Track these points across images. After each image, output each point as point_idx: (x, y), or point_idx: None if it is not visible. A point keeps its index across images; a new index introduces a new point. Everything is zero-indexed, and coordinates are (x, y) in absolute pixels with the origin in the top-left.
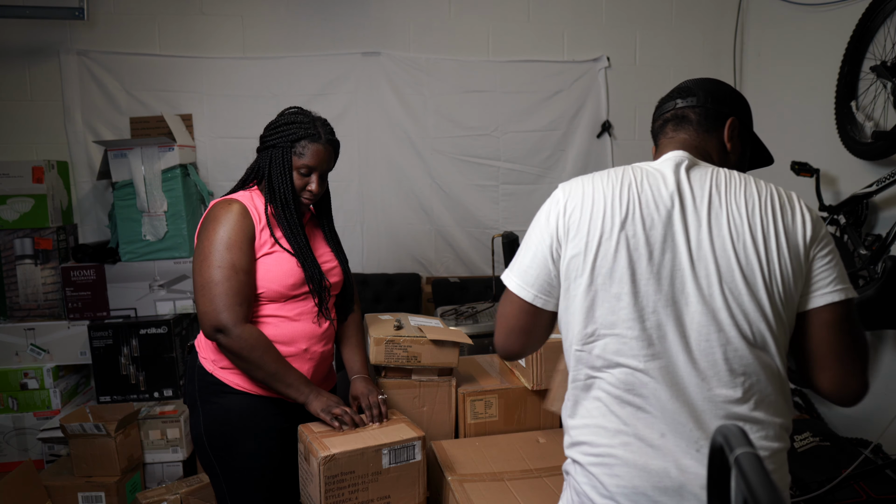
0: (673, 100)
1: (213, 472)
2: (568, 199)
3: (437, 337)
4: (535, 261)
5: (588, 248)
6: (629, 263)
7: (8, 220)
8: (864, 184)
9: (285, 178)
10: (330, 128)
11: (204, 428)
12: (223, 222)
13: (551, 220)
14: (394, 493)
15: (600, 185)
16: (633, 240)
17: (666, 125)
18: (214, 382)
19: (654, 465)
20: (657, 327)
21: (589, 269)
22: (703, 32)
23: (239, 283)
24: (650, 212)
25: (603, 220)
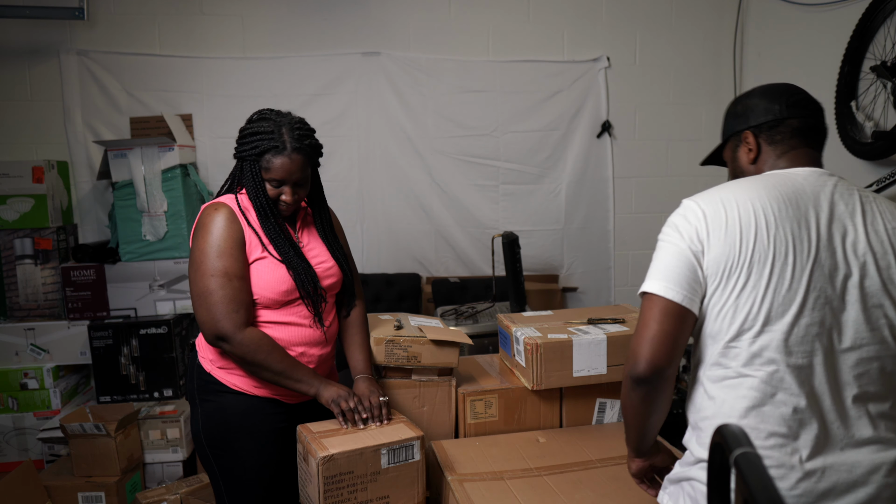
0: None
1: (212, 469)
2: (706, 208)
3: (437, 337)
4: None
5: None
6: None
7: (8, 220)
8: (864, 184)
9: (259, 191)
10: (300, 132)
11: (201, 426)
12: (211, 230)
13: (690, 227)
14: (393, 492)
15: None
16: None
17: (809, 133)
18: (212, 381)
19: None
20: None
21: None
22: (703, 32)
23: (234, 289)
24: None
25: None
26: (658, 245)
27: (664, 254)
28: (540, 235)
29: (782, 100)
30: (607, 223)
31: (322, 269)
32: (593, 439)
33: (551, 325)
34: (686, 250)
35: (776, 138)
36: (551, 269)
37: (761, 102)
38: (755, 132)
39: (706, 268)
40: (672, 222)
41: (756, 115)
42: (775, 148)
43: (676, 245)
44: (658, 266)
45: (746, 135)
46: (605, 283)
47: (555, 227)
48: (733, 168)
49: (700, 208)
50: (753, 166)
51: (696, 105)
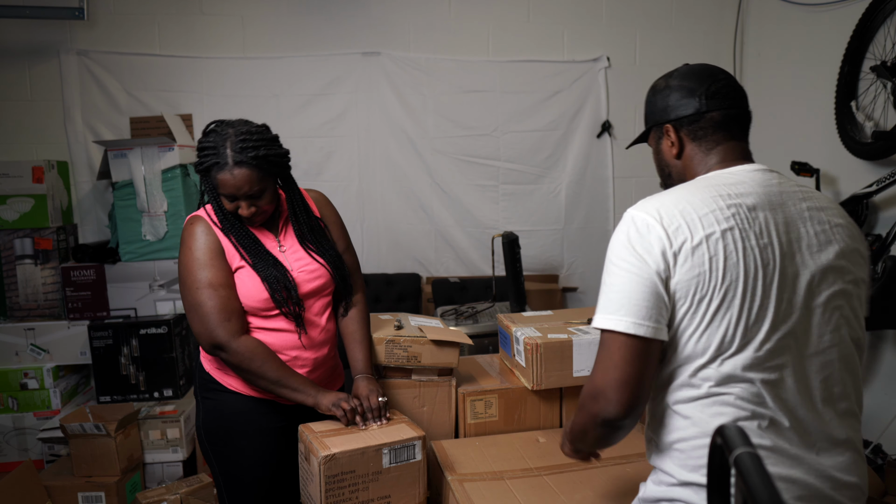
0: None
1: (212, 466)
2: (663, 219)
3: (437, 337)
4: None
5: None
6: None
7: (8, 220)
8: (864, 184)
9: (216, 205)
10: (244, 144)
11: (202, 423)
12: (189, 244)
13: (651, 246)
14: (394, 492)
15: (696, 200)
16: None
17: (732, 124)
18: (211, 380)
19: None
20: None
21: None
22: (703, 32)
23: (222, 298)
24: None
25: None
26: (611, 269)
27: (623, 281)
28: (540, 235)
29: (702, 90)
30: (607, 223)
31: (305, 272)
32: None
33: (551, 325)
34: (651, 274)
35: (699, 133)
36: (551, 269)
37: (681, 93)
38: (676, 126)
39: (674, 290)
40: (625, 241)
41: (676, 109)
42: (700, 144)
43: (637, 269)
44: (618, 297)
45: (668, 128)
46: None
47: (555, 227)
48: (658, 159)
49: (659, 223)
50: (679, 161)
51: None
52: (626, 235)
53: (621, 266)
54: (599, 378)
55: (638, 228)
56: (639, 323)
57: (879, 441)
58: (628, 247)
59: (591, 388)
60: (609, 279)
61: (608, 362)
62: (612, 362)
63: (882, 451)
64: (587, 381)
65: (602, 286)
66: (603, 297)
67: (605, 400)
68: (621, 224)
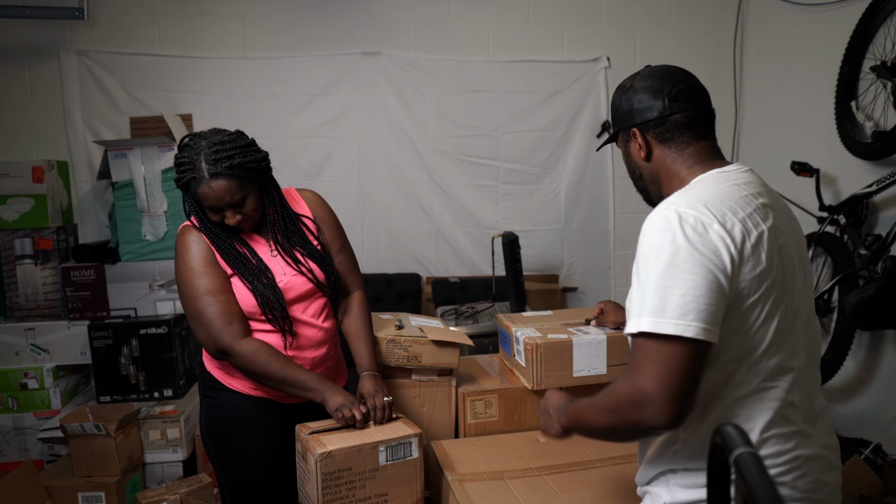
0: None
1: (214, 463)
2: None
3: (437, 337)
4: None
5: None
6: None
7: (8, 220)
8: (864, 184)
9: (200, 218)
10: (217, 155)
11: (204, 421)
12: (183, 254)
13: (714, 243)
14: (391, 490)
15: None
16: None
17: (696, 124)
18: (212, 379)
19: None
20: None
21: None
22: (703, 32)
23: (221, 304)
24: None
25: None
26: (672, 270)
27: (691, 283)
28: (540, 235)
29: (664, 92)
30: (607, 223)
31: (295, 276)
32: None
33: (551, 325)
34: (718, 274)
35: (666, 136)
36: (551, 269)
37: (644, 95)
38: (642, 130)
39: (742, 285)
40: (683, 241)
41: (640, 112)
42: (670, 145)
43: (705, 269)
44: (685, 300)
45: (634, 132)
46: (605, 283)
47: (555, 227)
48: (628, 161)
49: (715, 219)
50: (649, 163)
51: None
52: (682, 234)
53: (681, 265)
54: (650, 385)
55: (695, 225)
56: (710, 329)
57: (879, 441)
58: (686, 245)
59: (635, 394)
60: (668, 282)
61: (667, 369)
62: (671, 370)
63: (882, 451)
64: (625, 386)
65: (647, 286)
66: (656, 299)
67: (654, 408)
68: (665, 221)
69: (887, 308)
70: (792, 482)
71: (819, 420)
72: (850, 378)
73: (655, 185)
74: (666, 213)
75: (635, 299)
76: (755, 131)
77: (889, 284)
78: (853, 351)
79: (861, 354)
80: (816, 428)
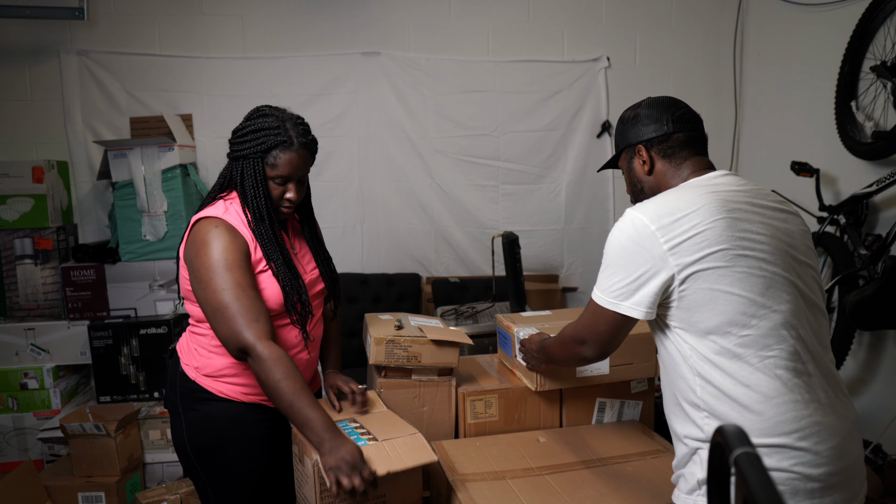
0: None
1: (198, 479)
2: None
3: (437, 337)
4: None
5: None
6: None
7: (8, 220)
8: (864, 184)
9: (258, 192)
10: (303, 127)
11: (187, 435)
12: (214, 244)
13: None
14: (390, 491)
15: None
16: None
17: (695, 144)
18: (197, 390)
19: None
20: None
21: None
22: (703, 32)
23: (249, 299)
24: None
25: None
26: (616, 260)
27: (625, 272)
28: (540, 235)
29: (667, 115)
30: (607, 223)
31: (315, 275)
32: (594, 438)
33: (552, 325)
34: (652, 265)
35: (668, 151)
36: (551, 269)
37: (649, 119)
38: (647, 146)
39: (686, 269)
40: (626, 239)
41: (646, 131)
42: (671, 160)
43: (639, 260)
44: (619, 284)
45: (640, 148)
46: None
47: (555, 227)
48: (629, 177)
49: (656, 219)
50: (650, 176)
51: (696, 105)
52: (626, 233)
53: (622, 258)
54: (587, 332)
55: (636, 227)
56: (629, 306)
57: (879, 441)
58: (629, 244)
59: (576, 335)
60: (611, 267)
61: (598, 325)
62: (601, 326)
63: (882, 451)
64: (574, 328)
65: (603, 266)
66: (604, 280)
67: (587, 346)
68: (622, 221)
69: (887, 308)
70: (817, 449)
71: (840, 394)
72: (850, 378)
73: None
74: (626, 215)
75: (599, 274)
76: (755, 131)
77: (889, 284)
78: (853, 351)
79: (861, 354)
80: (838, 399)
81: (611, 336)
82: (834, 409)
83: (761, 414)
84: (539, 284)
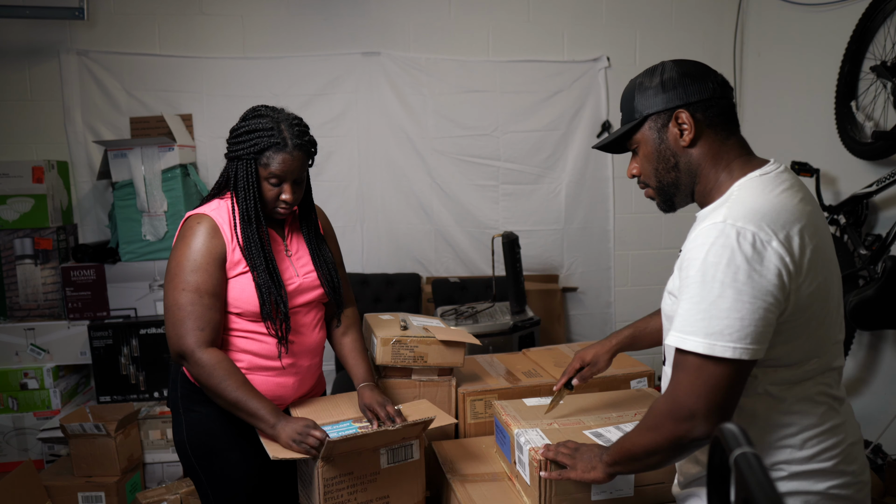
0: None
1: (198, 478)
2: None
3: (445, 337)
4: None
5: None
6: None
7: (8, 220)
8: (864, 184)
9: (249, 193)
10: (299, 128)
11: (187, 436)
12: (190, 242)
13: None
14: (393, 492)
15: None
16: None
17: (734, 116)
18: (197, 391)
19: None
20: None
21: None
22: (703, 32)
23: (203, 306)
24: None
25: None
26: (729, 292)
27: (750, 308)
28: (540, 235)
29: (711, 76)
30: (607, 223)
31: (310, 278)
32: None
33: (563, 424)
34: (776, 294)
35: (714, 120)
36: (551, 269)
37: (691, 78)
38: (691, 111)
39: (799, 300)
40: (742, 261)
41: (691, 92)
42: (717, 131)
43: (764, 290)
44: (744, 323)
45: (679, 113)
46: (605, 283)
47: (555, 227)
48: (656, 150)
49: (774, 236)
50: (691, 149)
51: None
52: (741, 253)
53: (741, 289)
54: (692, 401)
55: (753, 244)
56: (758, 349)
57: (879, 441)
58: (746, 267)
59: (676, 409)
60: (723, 302)
61: (711, 386)
62: (716, 387)
63: (882, 451)
64: (666, 402)
65: (700, 303)
66: (712, 320)
67: (696, 422)
68: (723, 238)
69: (887, 308)
70: (848, 470)
71: (847, 404)
72: (850, 378)
73: (691, 177)
74: (723, 227)
75: (684, 312)
76: (755, 131)
77: (889, 284)
78: (853, 351)
79: (861, 354)
80: (849, 413)
81: (732, 395)
82: (852, 425)
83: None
84: (539, 284)
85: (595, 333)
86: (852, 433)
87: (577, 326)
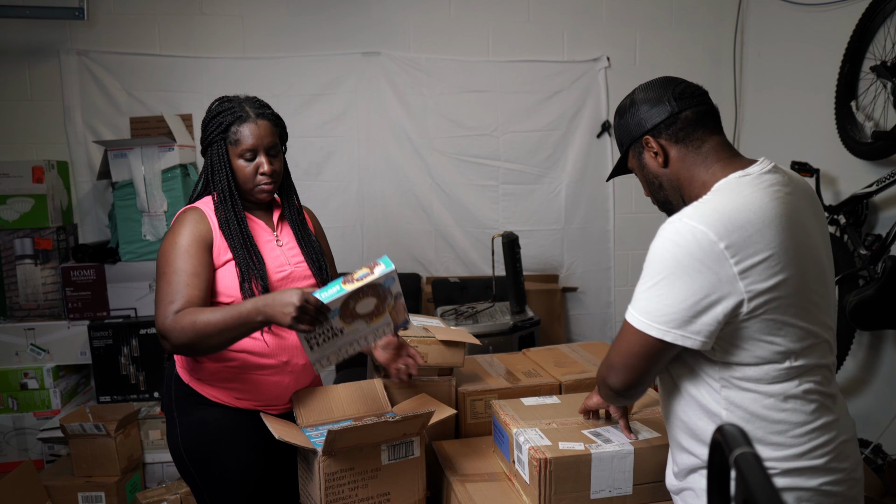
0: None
1: (194, 482)
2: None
3: (446, 337)
4: None
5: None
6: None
7: (8, 220)
8: (864, 184)
9: (223, 174)
10: (260, 103)
11: (181, 440)
12: (177, 229)
13: None
14: (393, 489)
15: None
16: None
17: (706, 119)
18: (191, 394)
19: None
20: None
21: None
22: (703, 32)
23: (179, 283)
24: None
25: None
26: (668, 280)
27: (680, 296)
28: (540, 235)
29: (667, 94)
30: (607, 223)
31: (301, 270)
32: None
33: (562, 424)
34: (715, 289)
35: (680, 135)
36: (551, 269)
37: (648, 103)
38: (655, 135)
39: (753, 298)
40: (684, 256)
41: (649, 118)
42: (686, 144)
43: (699, 284)
44: (670, 309)
45: (647, 139)
46: (605, 283)
47: (555, 227)
48: (644, 175)
49: (723, 237)
50: (666, 169)
51: None
52: (685, 250)
53: (676, 279)
54: (616, 358)
55: (699, 243)
56: (681, 335)
57: (879, 441)
58: (688, 262)
59: (607, 360)
60: (660, 288)
61: (632, 352)
62: (635, 353)
63: (882, 451)
64: (609, 352)
65: (646, 285)
66: (649, 301)
67: (613, 374)
68: (674, 233)
69: (887, 308)
70: (841, 467)
71: (841, 402)
72: (850, 378)
73: (676, 192)
74: (678, 224)
75: (637, 290)
76: (755, 131)
77: (889, 284)
78: (853, 351)
79: (861, 354)
80: (843, 410)
81: (646, 367)
82: (845, 422)
83: (794, 438)
84: (539, 284)
85: (595, 333)
86: (845, 430)
87: (577, 326)
